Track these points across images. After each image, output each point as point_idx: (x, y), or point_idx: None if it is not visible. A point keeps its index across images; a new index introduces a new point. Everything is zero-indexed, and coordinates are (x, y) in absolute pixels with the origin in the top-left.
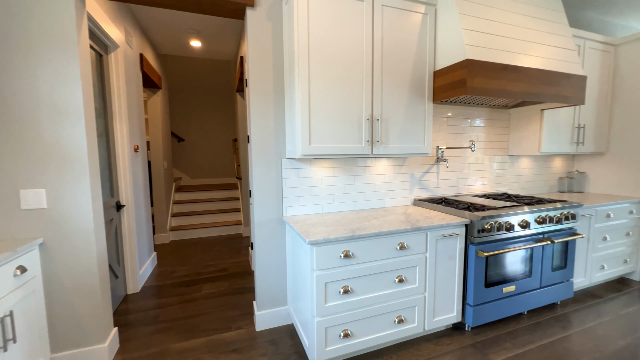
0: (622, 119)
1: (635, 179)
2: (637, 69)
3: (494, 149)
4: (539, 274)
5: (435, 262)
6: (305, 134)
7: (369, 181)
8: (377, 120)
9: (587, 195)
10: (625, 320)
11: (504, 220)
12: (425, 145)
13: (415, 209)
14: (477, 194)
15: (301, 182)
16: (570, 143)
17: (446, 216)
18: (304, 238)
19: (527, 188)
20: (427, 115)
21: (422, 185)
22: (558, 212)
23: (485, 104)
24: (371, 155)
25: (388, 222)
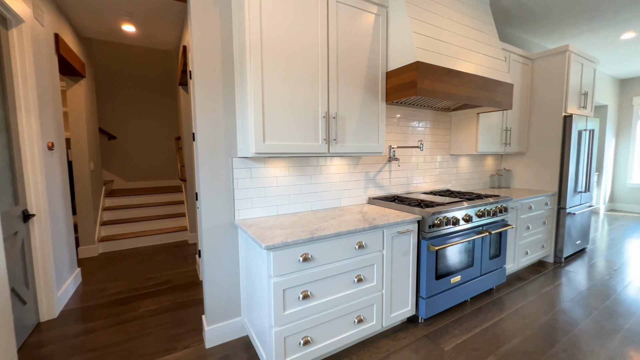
0: (537, 124)
1: (548, 175)
2: (547, 81)
3: (438, 148)
4: (480, 263)
5: (391, 258)
6: (259, 131)
7: (325, 180)
8: (334, 118)
9: (512, 190)
10: (545, 298)
11: (451, 215)
12: (380, 145)
13: (371, 208)
14: (424, 191)
15: (255, 182)
16: (500, 144)
17: (400, 213)
18: (259, 243)
19: (465, 184)
20: (381, 114)
21: (376, 184)
22: (494, 206)
23: (431, 106)
24: (328, 154)
25: (346, 221)
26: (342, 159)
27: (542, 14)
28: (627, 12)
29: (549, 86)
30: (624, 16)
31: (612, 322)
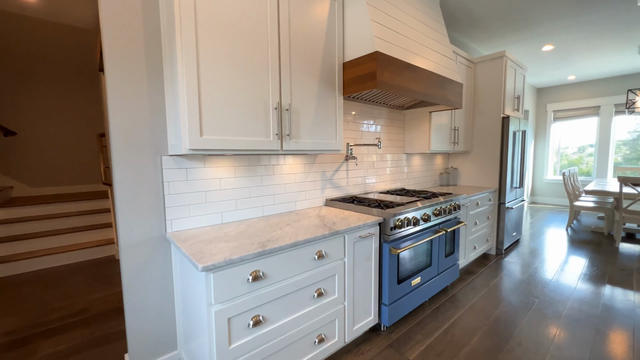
0: (480, 124)
1: (490, 173)
2: (487, 84)
3: (393, 147)
4: (437, 262)
5: (353, 266)
6: (194, 122)
7: (278, 182)
8: (287, 111)
9: (460, 187)
10: (493, 291)
11: (411, 216)
12: (338, 142)
13: (329, 210)
14: (381, 190)
15: (192, 186)
16: (449, 143)
17: (361, 215)
18: (195, 263)
19: (418, 183)
20: (338, 109)
21: (333, 184)
22: (448, 204)
23: (386, 104)
24: (281, 151)
25: (303, 228)
26: (297, 157)
27: (482, 21)
28: (548, 25)
29: (489, 89)
30: (545, 29)
31: (552, 309)
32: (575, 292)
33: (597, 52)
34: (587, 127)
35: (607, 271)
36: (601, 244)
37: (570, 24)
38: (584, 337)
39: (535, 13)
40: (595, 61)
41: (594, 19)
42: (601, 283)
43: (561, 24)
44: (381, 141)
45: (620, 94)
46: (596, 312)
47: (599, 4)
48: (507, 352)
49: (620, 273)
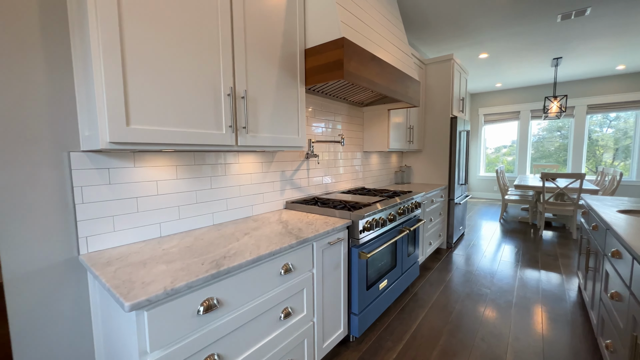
0: (431, 124)
1: (440, 171)
2: (436, 85)
3: (353, 145)
4: (401, 262)
5: (322, 277)
6: (118, 107)
7: (231, 183)
8: (242, 99)
9: (414, 185)
10: (450, 286)
11: (378, 217)
12: (301, 138)
13: (291, 214)
14: (342, 190)
15: (118, 191)
16: (405, 141)
17: (327, 219)
18: (121, 299)
19: (376, 182)
20: (300, 101)
21: (294, 185)
22: (410, 203)
23: (346, 99)
24: (236, 147)
25: (265, 237)
26: (254, 155)
27: (433, 24)
28: (487, 33)
29: (439, 90)
30: (484, 37)
31: (503, 299)
32: (518, 280)
33: (520, 62)
34: (509, 130)
35: (538, 257)
36: (529, 232)
37: (503, 34)
38: (535, 324)
39: (478, 20)
40: (518, 71)
41: (522, 31)
42: (536, 268)
43: (496, 34)
44: (344, 138)
45: (536, 101)
46: (538, 297)
47: (527, 18)
48: (474, 349)
49: (548, 258)
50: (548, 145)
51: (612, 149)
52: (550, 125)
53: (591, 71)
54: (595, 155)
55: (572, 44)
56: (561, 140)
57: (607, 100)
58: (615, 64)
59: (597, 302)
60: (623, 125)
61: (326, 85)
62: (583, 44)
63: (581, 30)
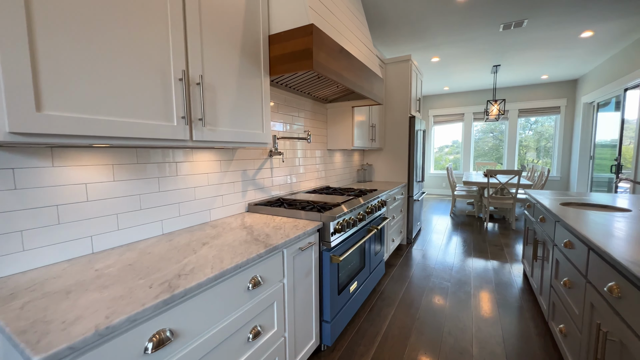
0: (391, 122)
1: (400, 168)
2: (396, 85)
3: (317, 142)
4: (369, 262)
5: (293, 286)
6: (23, 84)
7: (184, 185)
8: (198, 85)
9: (375, 183)
10: (414, 282)
11: (349, 217)
12: (265, 133)
13: (255, 218)
14: (307, 190)
15: (27, 198)
16: (368, 140)
17: (296, 221)
18: (27, 352)
19: (340, 180)
20: (265, 92)
21: (257, 185)
22: (377, 201)
23: (311, 94)
24: (190, 142)
25: (229, 246)
26: (211, 152)
27: (392, 24)
28: (440, 38)
29: (398, 89)
30: (438, 40)
31: (463, 290)
32: (472, 271)
33: (466, 67)
34: (455, 131)
35: (487, 248)
36: (476, 225)
37: (453, 40)
38: (492, 312)
39: (433, 24)
40: (463, 76)
41: (469, 38)
42: (486, 258)
43: (448, 39)
44: (310, 134)
45: (477, 104)
46: (492, 287)
47: (475, 25)
48: (443, 344)
49: (495, 249)
50: (483, 145)
51: (533, 149)
52: (485, 128)
53: (522, 79)
54: (520, 154)
55: (509, 53)
56: (493, 141)
57: (534, 106)
58: (540, 73)
59: (547, 288)
60: (540, 129)
61: (292, 77)
62: (517, 54)
63: (517, 40)
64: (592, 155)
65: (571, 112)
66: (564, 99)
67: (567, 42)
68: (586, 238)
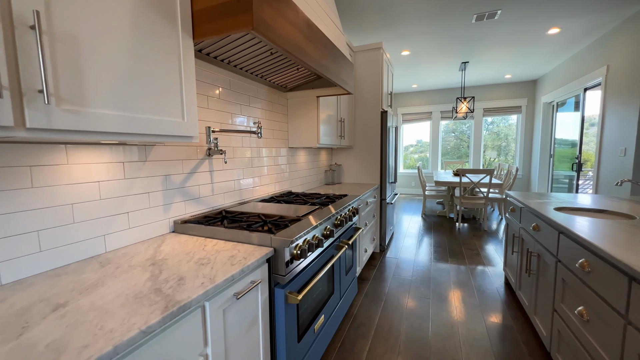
0: (361, 118)
1: (371, 169)
2: (366, 76)
3: (275, 139)
4: (339, 285)
5: (225, 353)
6: None
7: (52, 201)
8: (33, 30)
9: (345, 185)
10: (390, 300)
11: (312, 235)
12: (188, 122)
13: (179, 243)
14: (263, 197)
15: None
16: (336, 136)
17: (237, 248)
18: None
19: (305, 183)
20: (187, 62)
21: (188, 195)
22: (348, 209)
23: (266, 78)
24: (22, 131)
25: (98, 311)
26: (103, 150)
27: (362, 8)
28: (410, 27)
29: (369, 81)
30: (408, 31)
31: (445, 310)
32: (452, 282)
33: (435, 63)
34: (423, 130)
35: (463, 253)
36: (448, 226)
37: (424, 31)
38: (483, 338)
39: (404, 11)
40: (432, 73)
41: (442, 29)
42: (463, 264)
43: (420, 29)
44: (262, 127)
45: (445, 102)
46: (476, 301)
47: (449, 15)
48: None
49: (471, 253)
50: (445, 144)
51: (490, 148)
52: (447, 128)
53: (487, 78)
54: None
55: (477, 49)
56: (455, 140)
57: (498, 105)
58: (504, 72)
59: (547, 312)
60: (497, 129)
61: (234, 48)
62: (486, 50)
63: (487, 34)
64: (552, 153)
65: (531, 111)
66: (524, 98)
67: (534, 38)
68: (625, 264)
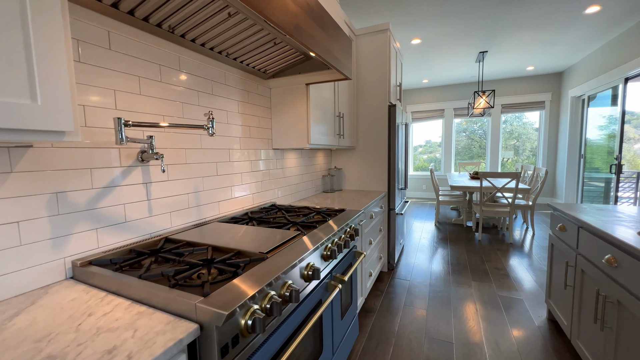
0: (365, 113)
1: (378, 173)
2: (370, 63)
3: (255, 138)
4: (331, 337)
5: None
6: None
7: None
8: None
9: (346, 193)
10: (402, 343)
11: (281, 282)
12: (46, 105)
13: (57, 305)
14: (234, 214)
15: None
16: (334, 134)
17: (141, 320)
18: None
19: (297, 192)
20: None
21: (105, 220)
22: (344, 231)
23: (238, 59)
24: None
25: None
26: None
27: None
28: (422, 10)
29: (374, 69)
30: (419, 14)
31: (474, 354)
32: (478, 313)
33: (449, 54)
34: (434, 128)
35: (488, 274)
36: (466, 238)
37: (439, 12)
38: None
39: None
40: (445, 65)
41: (458, 11)
42: (489, 287)
43: (433, 10)
44: (213, 118)
45: (459, 99)
46: (512, 346)
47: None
48: None
49: (498, 274)
50: (456, 144)
51: (504, 147)
52: (459, 127)
53: (507, 70)
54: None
55: (499, 36)
56: (466, 140)
57: (518, 100)
58: (526, 64)
59: None
60: (510, 128)
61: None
62: (508, 37)
63: (510, 18)
64: (582, 153)
65: (556, 107)
66: (548, 93)
67: (568, 19)
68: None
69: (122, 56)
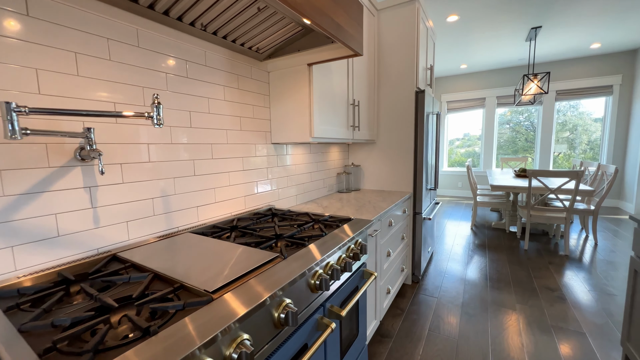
0: (387, 101)
1: (402, 171)
2: (395, 41)
3: (248, 131)
4: None
5: None
6: None
7: None
8: None
9: (364, 193)
10: None
11: (229, 338)
12: None
13: None
14: (219, 220)
15: None
16: (346, 125)
17: None
18: None
19: (303, 192)
20: None
21: (27, 234)
22: (344, 251)
23: (219, 33)
24: None
25: None
26: None
27: None
28: None
29: (399, 48)
30: None
31: None
32: (525, 351)
33: (493, 32)
34: (473, 119)
35: (537, 292)
36: (510, 246)
37: None
38: None
39: None
40: (488, 46)
41: None
42: (541, 314)
43: None
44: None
45: (503, 86)
46: None
47: None
48: None
49: (552, 297)
50: (498, 137)
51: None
52: (502, 118)
53: (565, 49)
54: None
55: (556, 8)
56: (510, 133)
57: (578, 85)
58: (591, 40)
59: None
60: (562, 118)
61: None
62: (567, 8)
63: None
64: None
65: (628, 92)
66: (618, 75)
67: None
68: None
69: (46, 25)
